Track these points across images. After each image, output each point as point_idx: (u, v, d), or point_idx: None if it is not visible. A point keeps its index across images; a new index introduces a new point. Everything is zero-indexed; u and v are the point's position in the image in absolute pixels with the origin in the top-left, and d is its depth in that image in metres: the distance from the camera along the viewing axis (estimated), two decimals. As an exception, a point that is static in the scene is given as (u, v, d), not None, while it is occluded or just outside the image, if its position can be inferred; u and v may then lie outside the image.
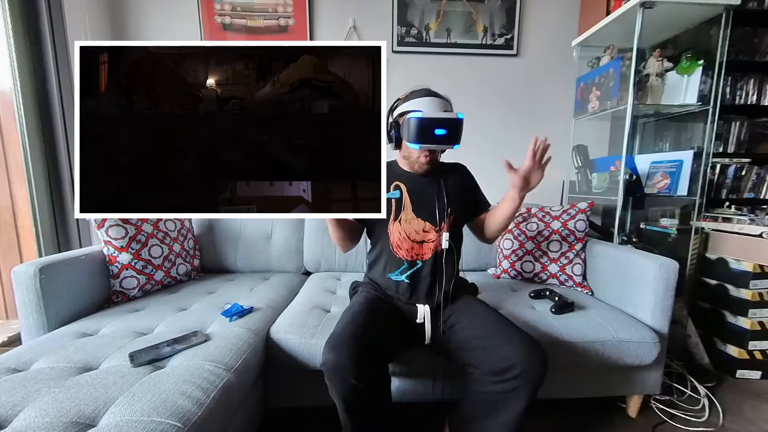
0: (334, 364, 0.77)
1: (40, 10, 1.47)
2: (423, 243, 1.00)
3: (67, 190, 1.59)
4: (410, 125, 0.86)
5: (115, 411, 0.63)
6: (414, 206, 1.01)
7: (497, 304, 1.17)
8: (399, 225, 1.01)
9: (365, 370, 0.78)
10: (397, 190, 1.03)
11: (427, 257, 1.00)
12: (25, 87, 1.46)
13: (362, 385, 0.77)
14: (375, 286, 1.07)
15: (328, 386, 0.81)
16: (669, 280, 1.08)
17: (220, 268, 1.61)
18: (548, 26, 1.87)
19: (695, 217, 1.55)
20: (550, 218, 1.44)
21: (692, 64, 1.48)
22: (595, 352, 1.02)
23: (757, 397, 1.32)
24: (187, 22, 1.77)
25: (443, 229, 0.99)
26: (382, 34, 1.82)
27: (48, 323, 1.02)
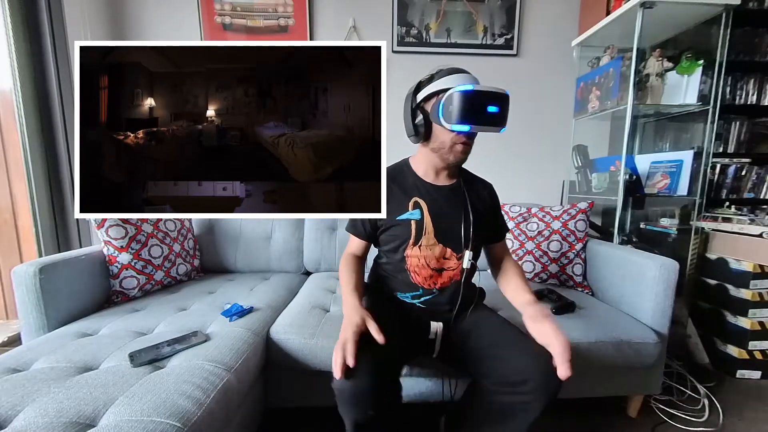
0: (352, 393, 0.67)
1: (40, 10, 1.47)
2: (443, 271, 0.89)
3: (67, 190, 1.59)
4: (455, 102, 0.73)
5: (115, 411, 0.63)
6: (436, 230, 0.87)
7: (498, 305, 1.16)
8: (419, 250, 0.88)
9: (383, 399, 0.71)
10: (417, 209, 0.88)
11: (446, 285, 0.90)
12: (25, 87, 1.46)
13: (378, 413, 0.69)
14: (381, 288, 0.98)
15: (339, 407, 0.71)
16: (669, 280, 1.07)
17: (220, 268, 1.61)
18: (548, 26, 1.87)
19: (695, 217, 1.55)
20: (551, 218, 1.44)
21: (692, 64, 1.48)
22: (595, 353, 1.02)
23: (757, 397, 1.32)
24: (187, 22, 1.77)
25: (465, 255, 0.88)
26: (382, 34, 1.82)
27: (48, 323, 1.02)
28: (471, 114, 0.73)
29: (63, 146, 1.55)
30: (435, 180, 0.92)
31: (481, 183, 0.99)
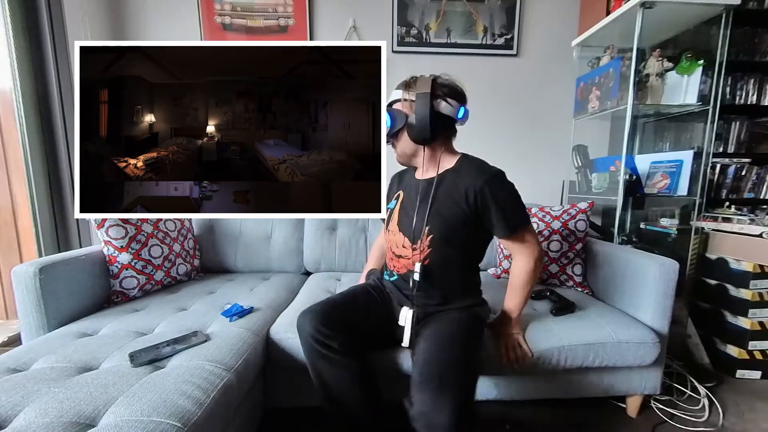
0: (305, 310, 0.88)
1: (40, 9, 1.47)
2: (400, 258, 0.99)
3: (67, 190, 1.59)
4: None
5: (115, 411, 0.63)
6: (400, 218, 0.99)
7: (497, 305, 1.16)
8: (389, 235, 1.02)
9: (329, 325, 0.86)
10: (395, 201, 1.03)
11: (402, 272, 0.99)
12: (25, 87, 1.46)
13: (323, 337, 0.84)
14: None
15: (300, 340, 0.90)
16: (669, 280, 1.07)
17: (220, 268, 1.61)
18: (548, 26, 1.87)
19: (695, 217, 1.55)
20: (551, 218, 1.44)
21: (692, 64, 1.48)
22: (594, 353, 1.02)
23: (757, 397, 1.32)
24: (187, 22, 1.77)
25: (420, 250, 0.92)
26: (382, 34, 1.82)
27: (48, 323, 1.02)
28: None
29: (63, 146, 1.55)
30: (421, 174, 1.00)
31: (475, 175, 0.89)
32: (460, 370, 0.77)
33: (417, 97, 0.85)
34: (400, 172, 1.12)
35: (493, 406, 1.16)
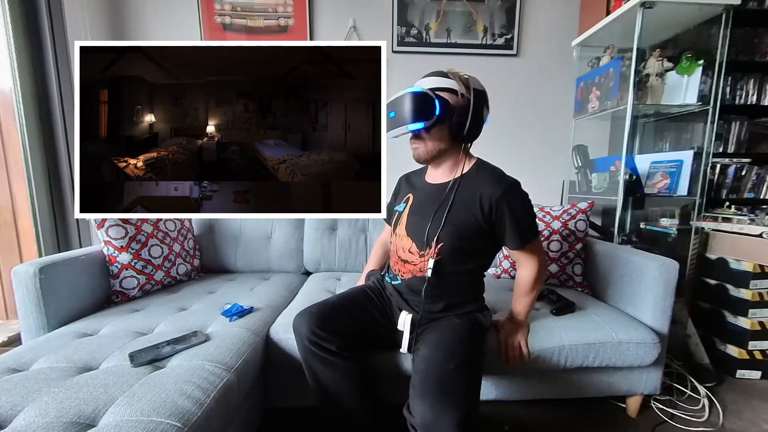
0: (296, 325, 0.88)
1: (40, 9, 1.47)
2: (406, 263, 0.95)
3: (67, 190, 1.59)
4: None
5: (115, 411, 0.63)
6: (409, 223, 0.95)
7: (497, 305, 1.16)
8: (395, 238, 0.99)
9: (324, 327, 0.85)
10: (404, 203, 0.99)
11: (406, 278, 0.95)
12: (25, 87, 1.46)
13: (319, 339, 0.84)
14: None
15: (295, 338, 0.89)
16: (669, 280, 1.07)
17: (220, 268, 1.61)
18: (548, 26, 1.87)
19: (695, 217, 1.55)
20: (551, 218, 1.44)
21: (692, 64, 1.48)
22: (594, 353, 1.02)
23: (757, 397, 1.32)
24: (187, 23, 1.77)
25: (429, 255, 0.89)
26: (382, 34, 1.82)
27: (48, 323, 1.02)
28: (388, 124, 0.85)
29: (63, 146, 1.55)
30: (433, 178, 0.97)
31: (493, 185, 0.86)
32: (461, 379, 0.76)
33: (474, 93, 0.81)
34: (407, 174, 1.06)
35: (493, 406, 1.16)
